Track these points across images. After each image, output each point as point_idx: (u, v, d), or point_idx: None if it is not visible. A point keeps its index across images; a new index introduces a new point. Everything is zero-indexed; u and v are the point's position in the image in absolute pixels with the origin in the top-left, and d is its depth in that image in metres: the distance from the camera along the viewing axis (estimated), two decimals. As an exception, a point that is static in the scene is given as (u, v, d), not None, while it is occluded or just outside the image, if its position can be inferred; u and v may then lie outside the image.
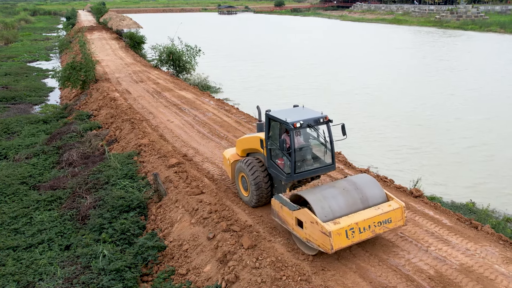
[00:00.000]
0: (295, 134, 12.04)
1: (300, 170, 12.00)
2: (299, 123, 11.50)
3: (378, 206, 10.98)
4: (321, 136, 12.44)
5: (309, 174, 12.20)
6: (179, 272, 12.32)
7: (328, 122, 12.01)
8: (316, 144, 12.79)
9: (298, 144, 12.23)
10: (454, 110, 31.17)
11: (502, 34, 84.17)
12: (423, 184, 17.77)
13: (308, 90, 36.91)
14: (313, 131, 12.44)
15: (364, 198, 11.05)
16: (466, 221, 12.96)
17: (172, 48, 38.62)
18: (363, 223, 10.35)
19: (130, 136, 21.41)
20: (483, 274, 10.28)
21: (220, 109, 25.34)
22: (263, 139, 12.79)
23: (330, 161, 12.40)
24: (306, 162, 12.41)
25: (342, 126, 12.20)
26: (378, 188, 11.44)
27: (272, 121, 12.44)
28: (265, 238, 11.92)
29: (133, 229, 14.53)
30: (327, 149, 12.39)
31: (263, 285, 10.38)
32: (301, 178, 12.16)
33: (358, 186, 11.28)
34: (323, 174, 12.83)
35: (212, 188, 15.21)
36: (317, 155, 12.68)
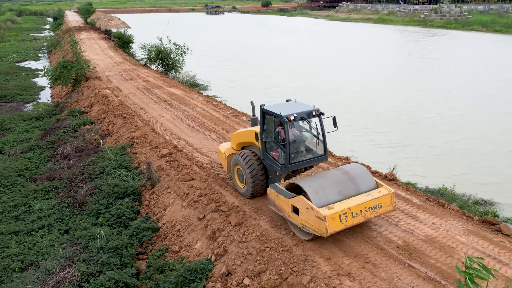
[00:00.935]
0: (289, 126, 12.62)
1: (294, 161, 12.61)
2: (293, 116, 12.12)
3: (369, 192, 11.79)
4: (313, 128, 13.30)
5: (302, 164, 12.86)
6: (172, 250, 13.41)
7: (320, 115, 12.69)
8: (309, 136, 13.52)
9: (292, 136, 12.83)
10: (437, 107, 32.32)
11: (484, 33, 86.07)
12: (403, 174, 18.98)
13: (294, 88, 37.98)
14: (306, 124, 13.33)
15: (356, 185, 11.88)
16: (434, 200, 14.23)
17: (160, 47, 39.56)
18: (355, 208, 11.15)
19: (122, 130, 22.41)
20: (446, 243, 11.51)
21: (209, 105, 26.43)
22: (258, 133, 13.48)
23: (323, 152, 13.08)
24: (299, 153, 13.02)
25: (333, 119, 12.78)
26: (369, 176, 12.33)
27: (267, 115, 13.02)
28: (250, 217, 13.07)
29: (128, 213, 15.60)
30: (320, 140, 13.08)
31: (249, 256, 11.52)
32: (295, 169, 12.91)
33: (350, 174, 12.12)
34: (315, 164, 13.71)
35: (201, 175, 16.31)
36: (310, 147, 13.35)
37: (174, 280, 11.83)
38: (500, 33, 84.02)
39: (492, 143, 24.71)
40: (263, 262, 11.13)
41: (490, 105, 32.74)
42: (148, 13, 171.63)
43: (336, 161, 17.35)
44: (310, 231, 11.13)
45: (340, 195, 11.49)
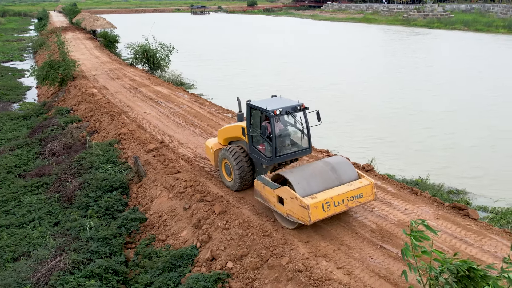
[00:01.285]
0: (275, 120, 13.02)
1: (280, 153, 13.12)
2: (279, 111, 12.58)
3: (351, 183, 12.42)
4: (298, 122, 13.74)
5: (288, 157, 13.38)
6: (159, 238, 14.05)
7: (304, 109, 13.19)
8: (294, 130, 13.99)
9: (278, 130, 13.30)
10: (419, 104, 33.04)
11: (466, 31, 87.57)
12: (383, 167, 19.75)
13: (280, 86, 38.44)
14: (291, 118, 13.89)
15: (338, 176, 12.50)
16: (408, 188, 15.04)
17: (146, 46, 40.02)
18: (338, 197, 11.75)
19: (109, 127, 22.93)
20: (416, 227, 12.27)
21: (194, 102, 27.03)
22: (245, 128, 13.96)
23: (307, 145, 13.62)
24: (285, 147, 13.56)
25: (317, 113, 13.37)
26: (351, 167, 12.97)
27: (253, 110, 13.49)
28: (234, 205, 13.74)
29: (116, 205, 16.17)
30: (304, 134, 13.61)
31: (232, 242, 12.21)
32: (281, 161, 13.51)
33: (333, 166, 12.73)
34: (300, 157, 14.23)
35: (187, 168, 16.95)
36: (295, 140, 13.85)
37: (161, 266, 12.49)
38: (481, 31, 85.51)
39: (472, 138, 25.48)
40: (245, 246, 11.83)
41: (472, 101, 33.69)
42: (133, 13, 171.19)
43: (317, 154, 18.03)
44: (294, 220, 11.70)
45: (324, 185, 12.08)
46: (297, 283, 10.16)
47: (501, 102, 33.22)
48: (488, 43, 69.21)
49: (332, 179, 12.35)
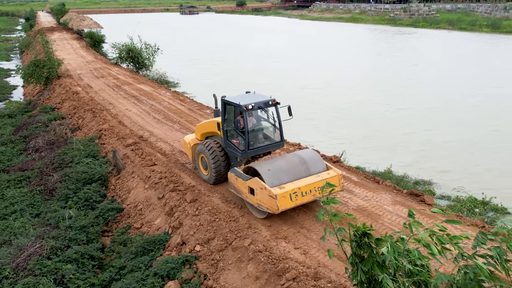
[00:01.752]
0: (248, 115, 13.52)
1: (253, 147, 13.65)
2: (251, 105, 13.05)
3: (319, 174, 13.10)
4: (270, 117, 14.22)
5: (261, 150, 13.92)
6: (134, 226, 14.81)
7: (276, 104, 13.70)
8: (267, 125, 14.49)
9: (251, 124, 13.80)
10: (402, 101, 33.69)
11: (450, 30, 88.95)
12: (356, 161, 20.52)
13: (264, 85, 38.88)
14: (264, 113, 14.36)
15: (307, 168, 13.18)
16: (371, 178, 15.92)
17: (131, 46, 40.66)
18: (305, 188, 12.42)
19: (91, 124, 23.62)
20: (374, 211, 13.17)
21: (175, 99, 27.78)
22: (220, 123, 14.35)
23: (280, 139, 14.20)
24: (258, 140, 14.09)
25: (289, 108, 13.87)
26: (320, 160, 13.65)
27: (227, 105, 13.94)
28: (204, 194, 14.54)
29: (95, 197, 16.91)
30: (276, 128, 14.14)
31: (201, 227, 13.01)
32: (254, 154, 14.11)
33: (302, 158, 13.43)
34: (273, 150, 14.73)
35: (163, 161, 17.72)
36: (268, 134, 14.38)
37: (134, 250, 13.27)
38: (465, 31, 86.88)
39: (449, 135, 26.11)
40: (213, 231, 12.63)
41: (451, 99, 34.48)
42: (122, 13, 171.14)
43: (288, 147, 18.87)
44: (264, 210, 12.40)
45: (293, 176, 12.74)
46: (256, 262, 10.98)
47: (482, 100, 33.98)
48: (472, 42, 70.50)
49: (301, 171, 13.01)
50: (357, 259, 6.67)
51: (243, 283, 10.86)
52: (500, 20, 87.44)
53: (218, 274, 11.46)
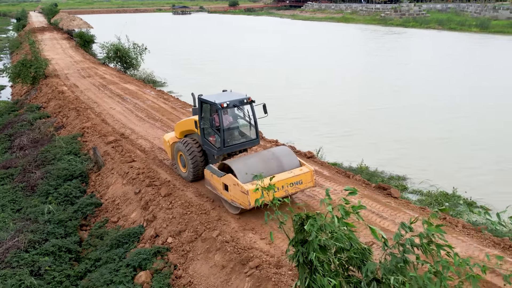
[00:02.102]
0: (223, 113, 13.83)
1: (228, 144, 13.89)
2: (226, 104, 13.29)
3: (291, 170, 13.42)
4: (246, 115, 14.48)
5: (236, 147, 14.14)
6: (112, 220, 15.25)
7: (251, 102, 13.87)
8: (243, 122, 14.75)
9: (226, 122, 14.05)
10: (388, 100, 34.04)
11: (440, 30, 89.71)
12: (335, 157, 20.97)
13: (251, 85, 39.31)
14: (240, 111, 14.65)
15: (281, 164, 13.51)
16: (342, 172, 16.44)
17: (118, 45, 41.02)
18: (277, 183, 12.61)
19: (75, 122, 24.02)
20: (337, 203, 13.62)
21: (159, 98, 28.22)
22: (197, 121, 14.62)
23: (255, 136, 14.41)
24: (234, 138, 14.34)
25: (264, 106, 14.01)
26: (293, 156, 13.97)
27: (204, 103, 14.17)
28: (179, 189, 15.01)
29: (75, 192, 17.31)
30: (252, 126, 14.39)
31: (173, 220, 13.48)
32: (230, 151, 14.42)
33: (276, 155, 13.78)
34: (249, 147, 14.83)
35: (142, 157, 18.17)
36: (244, 132, 14.66)
37: (110, 243, 13.70)
38: (454, 30, 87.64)
39: (428, 132, 26.47)
40: (184, 223, 13.10)
41: (438, 98, 34.81)
42: (114, 14, 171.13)
43: (266, 144, 19.36)
44: (237, 205, 12.75)
45: (266, 172, 12.94)
46: (223, 252, 11.46)
47: (468, 99, 34.41)
48: (460, 42, 71.15)
49: (274, 167, 13.34)
50: (298, 242, 7.10)
51: (210, 272, 11.34)
52: (489, 20, 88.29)
53: (187, 264, 11.92)
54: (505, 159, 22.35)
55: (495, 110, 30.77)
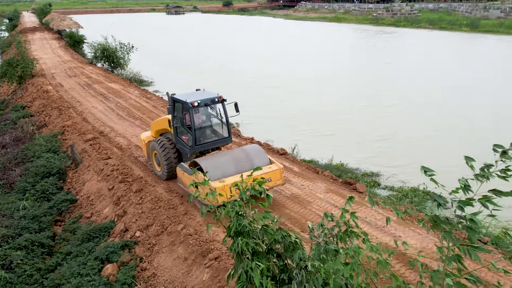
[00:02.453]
0: (195, 112, 13.94)
1: (200, 142, 14.06)
2: (197, 102, 13.41)
3: None
4: (219, 114, 14.68)
5: (208, 146, 14.31)
6: (85, 216, 15.61)
7: (223, 101, 14.05)
8: (215, 121, 14.91)
9: (198, 121, 14.29)
10: (372, 99, 34.26)
11: (431, 30, 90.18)
12: (311, 156, 21.31)
13: (240, 84, 39.56)
14: (213, 110, 15.08)
15: (251, 162, 13.77)
16: (312, 168, 16.84)
17: (105, 45, 41.32)
18: (245, 181, 13.15)
19: (57, 121, 24.36)
20: (305, 199, 14.07)
21: (142, 97, 28.57)
22: (171, 120, 14.92)
23: (227, 135, 14.61)
24: (206, 136, 14.51)
25: (235, 104, 14.22)
26: (263, 154, 14.29)
27: (176, 102, 14.33)
28: (150, 184, 15.38)
29: (51, 189, 17.65)
30: (224, 124, 14.57)
31: (142, 215, 13.85)
32: (202, 150, 14.65)
33: (247, 153, 14.06)
34: (222, 145, 15.13)
35: (118, 155, 18.54)
36: (216, 130, 14.86)
37: (81, 237, 14.06)
38: (445, 30, 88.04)
39: (409, 131, 26.75)
40: (152, 218, 13.48)
41: (419, 97, 35.08)
42: (108, 14, 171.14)
43: (241, 141, 19.75)
44: (206, 203, 12.96)
45: (235, 170, 13.32)
46: (186, 245, 11.85)
47: (453, 98, 34.70)
48: (451, 41, 71.47)
49: (245, 165, 13.62)
50: (235, 233, 7.38)
51: (173, 264, 11.72)
52: (479, 19, 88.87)
53: (153, 257, 12.30)
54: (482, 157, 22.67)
55: (482, 109, 31.21)
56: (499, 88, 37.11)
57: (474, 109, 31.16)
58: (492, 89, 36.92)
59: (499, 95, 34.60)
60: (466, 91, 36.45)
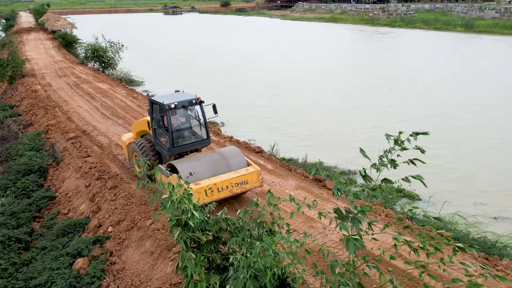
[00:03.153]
0: (172, 114, 13.85)
1: (178, 144, 13.98)
2: (174, 104, 13.27)
3: (237, 170, 13.27)
4: (197, 115, 14.50)
5: (186, 148, 14.21)
6: (63, 212, 15.99)
7: (200, 103, 13.95)
8: (193, 123, 14.80)
9: (177, 122, 14.26)
10: (360, 99, 34.65)
11: (426, 30, 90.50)
12: (295, 156, 21.62)
13: (232, 84, 39.85)
14: (192, 112, 14.56)
15: (228, 165, 13.74)
16: (285, 166, 17.23)
17: (96, 45, 41.73)
18: (221, 183, 12.89)
19: (43, 120, 24.75)
20: (274, 195, 14.39)
21: (128, 96, 28.98)
22: (150, 121, 14.83)
23: (206, 136, 14.51)
24: (184, 138, 14.38)
25: (213, 106, 14.03)
26: (241, 157, 14.25)
27: (154, 104, 14.28)
28: (125, 182, 15.78)
29: (32, 186, 18.01)
30: (202, 126, 14.46)
31: (115, 211, 14.24)
32: (180, 152, 14.17)
33: (224, 155, 14.05)
34: (200, 147, 14.94)
35: (98, 153, 18.94)
36: (194, 132, 14.74)
37: (56, 233, 14.44)
38: (439, 30, 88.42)
39: (394, 131, 27.04)
40: (124, 213, 13.88)
41: (405, 96, 35.44)
42: (106, 14, 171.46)
43: (219, 139, 20.14)
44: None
45: (212, 173, 13.31)
46: (153, 239, 12.24)
47: (439, 97, 35.06)
48: (446, 42, 71.77)
49: (221, 167, 13.60)
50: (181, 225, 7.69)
51: (140, 257, 12.11)
52: (474, 20, 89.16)
53: (122, 251, 12.69)
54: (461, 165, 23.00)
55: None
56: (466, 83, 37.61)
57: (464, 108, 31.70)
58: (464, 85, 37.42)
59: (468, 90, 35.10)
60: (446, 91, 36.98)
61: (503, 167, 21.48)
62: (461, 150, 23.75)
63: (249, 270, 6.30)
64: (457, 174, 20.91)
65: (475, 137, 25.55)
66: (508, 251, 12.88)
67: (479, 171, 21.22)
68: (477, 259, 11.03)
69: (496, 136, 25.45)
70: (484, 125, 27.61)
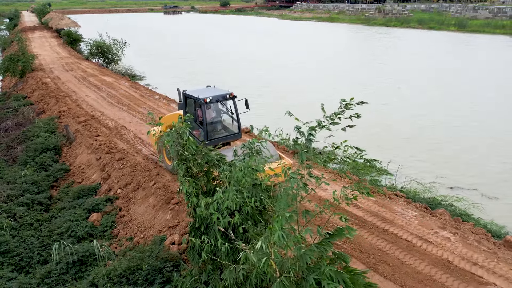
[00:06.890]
0: (206, 108, 14.25)
1: (211, 138, 14.33)
2: (209, 99, 13.66)
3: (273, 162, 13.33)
4: (229, 110, 14.96)
5: (219, 141, 14.35)
6: (77, 181, 18.57)
7: (233, 97, 14.32)
8: (226, 117, 15.25)
9: (209, 116, 14.59)
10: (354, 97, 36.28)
11: (420, 29, 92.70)
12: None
13: (229, 83, 41.77)
14: (223, 106, 15.06)
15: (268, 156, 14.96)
16: (274, 144, 19.74)
17: (100, 42, 44.33)
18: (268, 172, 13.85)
19: (54, 108, 27.33)
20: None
21: (132, 88, 31.58)
22: (182, 115, 14.57)
23: (237, 131, 14.86)
24: (217, 131, 14.84)
25: (245, 101, 14.38)
26: (274, 149, 14.12)
27: (188, 98, 14.81)
28: (131, 154, 18.39)
29: (49, 161, 20.61)
30: (234, 120, 14.84)
31: (123, 177, 16.84)
32: (213, 145, 13.57)
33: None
34: (232, 141, 15.23)
35: (106, 133, 21.55)
36: (226, 126, 15.16)
37: (72, 195, 17.03)
38: (433, 29, 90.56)
39: (385, 129, 28.29)
40: (131, 178, 16.47)
41: (399, 96, 37.12)
42: (107, 13, 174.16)
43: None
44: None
45: None
46: (156, 195, 14.84)
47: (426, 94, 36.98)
48: (438, 41, 73.78)
49: None
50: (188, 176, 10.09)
51: (145, 210, 14.70)
52: (467, 19, 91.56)
53: (129, 207, 15.29)
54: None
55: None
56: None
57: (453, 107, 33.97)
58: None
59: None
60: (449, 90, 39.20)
61: (468, 143, 23.74)
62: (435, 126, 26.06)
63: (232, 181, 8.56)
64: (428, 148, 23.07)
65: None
66: (451, 207, 15.41)
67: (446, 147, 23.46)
68: (418, 208, 13.62)
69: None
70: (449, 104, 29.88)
